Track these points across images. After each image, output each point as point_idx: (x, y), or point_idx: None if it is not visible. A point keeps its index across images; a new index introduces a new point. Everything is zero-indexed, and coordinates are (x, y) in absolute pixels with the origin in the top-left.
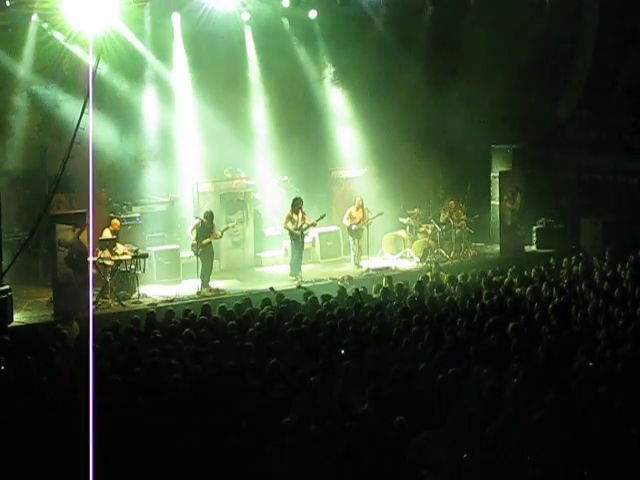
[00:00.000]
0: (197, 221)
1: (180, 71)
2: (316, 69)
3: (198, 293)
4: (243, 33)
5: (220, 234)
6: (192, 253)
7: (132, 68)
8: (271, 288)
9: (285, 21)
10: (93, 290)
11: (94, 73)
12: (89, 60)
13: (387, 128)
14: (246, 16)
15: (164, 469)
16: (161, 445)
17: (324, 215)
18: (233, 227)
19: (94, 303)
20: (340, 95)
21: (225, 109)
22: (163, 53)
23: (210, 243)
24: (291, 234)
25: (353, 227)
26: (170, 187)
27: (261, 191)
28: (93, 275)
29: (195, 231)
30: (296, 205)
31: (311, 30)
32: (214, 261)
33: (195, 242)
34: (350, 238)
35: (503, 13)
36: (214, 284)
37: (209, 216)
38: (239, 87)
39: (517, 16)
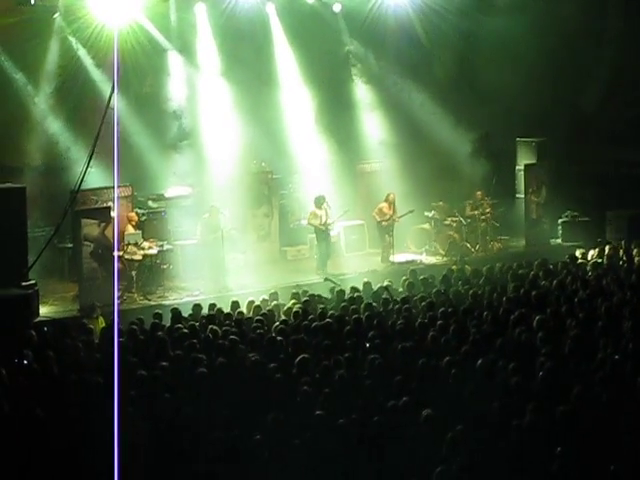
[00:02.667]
0: (206, 215)
1: (205, 63)
2: (341, 61)
3: (224, 287)
4: (269, 24)
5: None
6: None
7: (156, 61)
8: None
9: (310, 13)
10: (119, 285)
11: (119, 69)
12: (114, 56)
13: (413, 121)
14: (271, 7)
15: (189, 464)
16: (186, 440)
17: (347, 210)
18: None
19: (119, 298)
20: (365, 87)
21: (252, 102)
22: (188, 45)
23: (218, 238)
24: (316, 229)
25: (383, 223)
26: (196, 181)
27: (286, 185)
28: (119, 270)
29: (200, 227)
30: (319, 202)
31: (336, 22)
32: (240, 255)
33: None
34: (379, 233)
35: (529, 5)
36: (236, 279)
37: (215, 211)
38: (264, 79)
39: (542, 8)
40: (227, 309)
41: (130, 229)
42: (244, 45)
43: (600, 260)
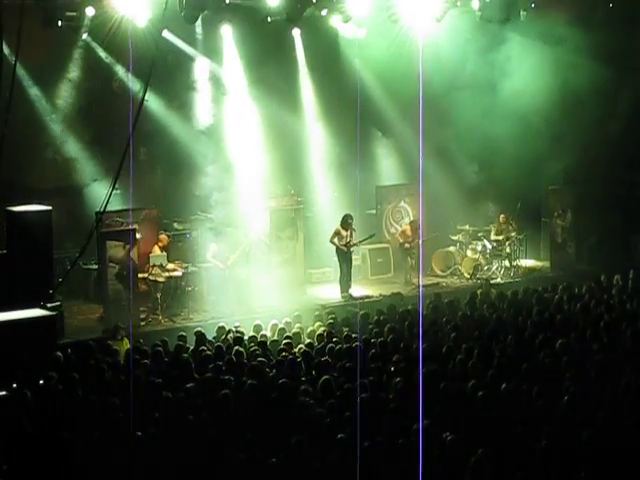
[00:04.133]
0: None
1: (231, 86)
2: (367, 85)
3: (248, 310)
4: (294, 48)
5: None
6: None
7: (184, 83)
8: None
9: (335, 38)
10: (141, 306)
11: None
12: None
13: (439, 145)
14: (296, 32)
15: None
16: (210, 462)
17: (373, 234)
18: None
19: (144, 319)
20: (390, 109)
21: (276, 125)
22: (214, 68)
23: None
24: (337, 249)
25: (406, 245)
26: (221, 204)
27: (311, 207)
28: (143, 292)
29: (213, 257)
30: (346, 221)
31: (361, 48)
32: (264, 278)
33: (221, 266)
34: (402, 255)
35: (551, 27)
36: (261, 301)
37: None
38: (290, 102)
39: (566, 30)
40: (251, 331)
41: (157, 250)
42: (269, 68)
43: (625, 284)
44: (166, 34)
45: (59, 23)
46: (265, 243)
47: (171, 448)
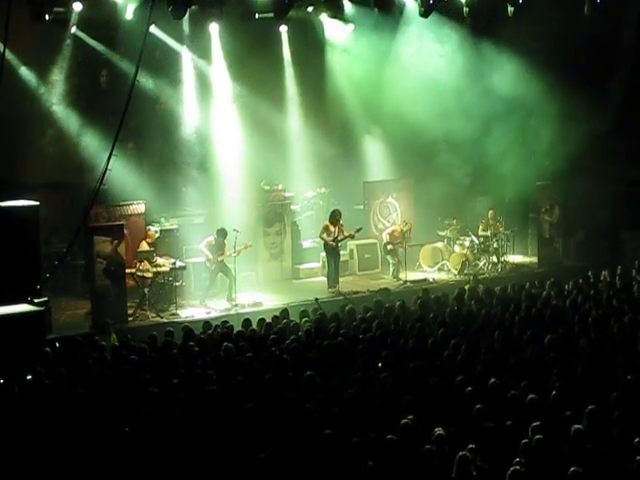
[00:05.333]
0: (210, 237)
1: (218, 82)
2: (353, 81)
3: (235, 305)
4: (281, 45)
5: (227, 256)
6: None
7: (170, 78)
8: (316, 299)
9: (322, 33)
10: (131, 302)
11: (132, 87)
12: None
13: (426, 139)
14: (284, 28)
15: None
16: (196, 458)
17: (360, 228)
18: (246, 248)
19: (132, 315)
20: (376, 105)
21: (263, 120)
22: (201, 64)
23: (223, 260)
24: (326, 245)
25: (389, 247)
26: (208, 199)
27: (298, 203)
28: (131, 287)
29: (208, 247)
30: (334, 217)
31: (348, 44)
32: (252, 273)
33: (211, 258)
34: (385, 254)
35: (543, 22)
36: (251, 296)
37: (220, 234)
38: (277, 98)
39: (557, 26)
40: (238, 327)
41: (145, 246)
42: (256, 64)
43: (612, 280)
44: (154, 30)
45: (47, 17)
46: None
47: (157, 444)
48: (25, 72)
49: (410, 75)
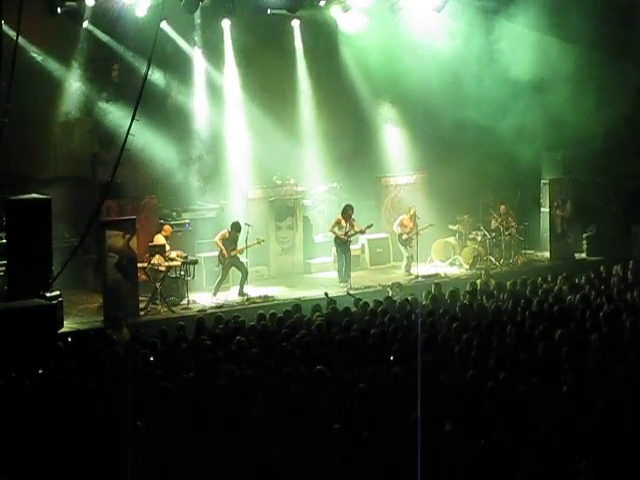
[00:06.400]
0: (224, 231)
1: (230, 77)
2: (366, 75)
3: (247, 300)
4: (293, 39)
5: (241, 250)
6: (218, 262)
7: (182, 74)
8: (325, 293)
9: (334, 26)
10: (143, 297)
11: (145, 79)
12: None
13: (438, 135)
14: (296, 23)
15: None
16: (207, 452)
17: (371, 225)
18: (258, 243)
19: (144, 309)
20: (389, 101)
21: (275, 115)
22: (213, 59)
23: (236, 255)
24: (336, 239)
25: (404, 236)
26: (220, 194)
27: (310, 198)
28: (143, 281)
29: (222, 240)
30: (346, 212)
31: (361, 38)
32: (264, 267)
33: (225, 252)
34: (400, 246)
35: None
36: (263, 290)
37: (234, 227)
38: (289, 93)
39: (568, 20)
40: (250, 321)
41: (160, 240)
42: (269, 59)
43: (624, 274)
44: (165, 26)
45: (59, 10)
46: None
47: (170, 438)
48: (38, 66)
49: (425, 64)
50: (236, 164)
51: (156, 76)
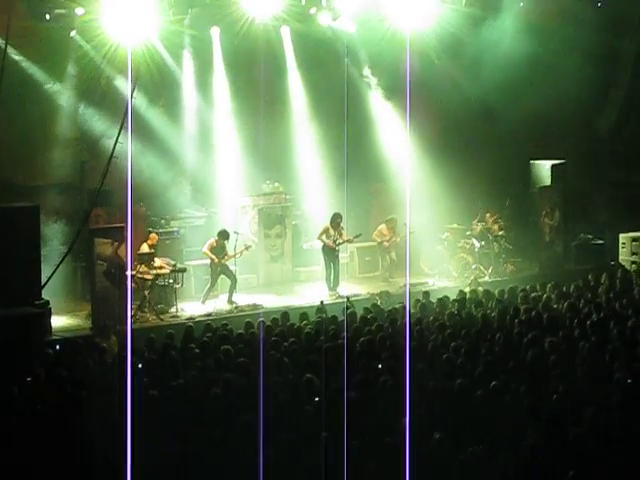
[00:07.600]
0: (212, 240)
1: (219, 84)
2: (356, 82)
3: (236, 308)
4: (282, 46)
5: (230, 257)
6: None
7: (169, 81)
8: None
9: (326, 34)
10: (131, 304)
11: (132, 89)
12: (127, 75)
13: (428, 143)
14: (286, 30)
15: None
16: (197, 460)
17: (360, 235)
18: (247, 249)
19: (132, 317)
20: (379, 108)
21: (264, 122)
22: (202, 66)
23: (227, 261)
24: (324, 247)
25: (384, 244)
26: (209, 201)
27: (299, 205)
28: (131, 289)
29: (210, 249)
30: (335, 220)
31: (351, 44)
32: (252, 275)
33: (216, 260)
34: (380, 254)
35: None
36: (252, 298)
37: (221, 236)
38: (278, 101)
39: (554, 30)
40: (238, 329)
41: (145, 248)
42: (258, 67)
43: (612, 283)
44: (153, 37)
45: (47, 17)
46: (253, 242)
47: (157, 446)
48: (27, 73)
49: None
50: (225, 171)
51: (143, 84)
